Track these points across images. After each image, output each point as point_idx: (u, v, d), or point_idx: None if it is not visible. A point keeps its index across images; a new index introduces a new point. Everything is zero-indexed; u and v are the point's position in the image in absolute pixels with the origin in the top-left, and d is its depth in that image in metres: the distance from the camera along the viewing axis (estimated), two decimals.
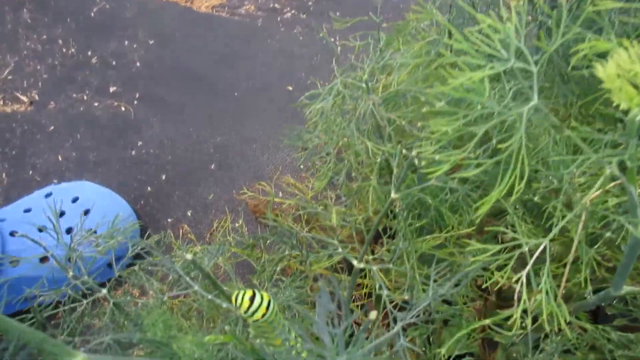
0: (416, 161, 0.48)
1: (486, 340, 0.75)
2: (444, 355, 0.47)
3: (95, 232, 0.70)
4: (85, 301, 0.59)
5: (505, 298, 0.76)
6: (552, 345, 0.49)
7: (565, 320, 0.37)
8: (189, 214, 1.05)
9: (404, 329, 0.41)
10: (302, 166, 1.09)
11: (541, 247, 0.37)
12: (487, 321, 0.49)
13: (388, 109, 0.59)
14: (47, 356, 0.27)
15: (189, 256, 0.34)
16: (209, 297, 0.40)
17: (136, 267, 0.57)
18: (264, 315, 0.38)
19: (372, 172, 0.55)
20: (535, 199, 0.60)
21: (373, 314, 0.31)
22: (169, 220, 1.05)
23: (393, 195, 0.45)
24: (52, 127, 1.13)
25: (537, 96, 0.35)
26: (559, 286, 0.56)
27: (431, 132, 0.36)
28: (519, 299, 0.51)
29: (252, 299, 0.38)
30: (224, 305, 0.39)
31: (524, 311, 0.55)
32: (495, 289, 0.76)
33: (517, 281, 0.59)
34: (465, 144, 0.55)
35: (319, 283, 0.59)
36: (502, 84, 0.50)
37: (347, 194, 0.61)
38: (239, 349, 0.38)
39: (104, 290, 0.57)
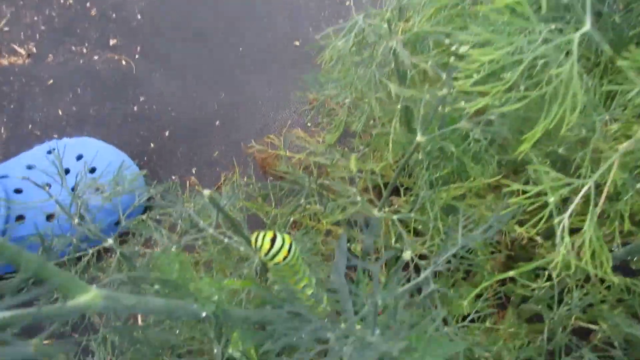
0: (440, 107, 0.45)
1: (495, 299, 0.74)
2: (466, 307, 0.46)
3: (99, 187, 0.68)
4: (90, 251, 0.57)
5: (515, 258, 0.74)
6: (577, 301, 0.47)
7: (607, 262, 0.35)
8: (193, 171, 1.03)
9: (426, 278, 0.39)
10: (309, 123, 1.06)
11: (585, 188, 0.35)
12: (511, 273, 0.47)
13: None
14: (58, 289, 0.25)
15: (206, 192, 0.31)
16: (226, 240, 0.38)
17: (144, 217, 0.55)
18: (285, 258, 0.36)
19: (393, 119, 0.52)
20: (560, 150, 0.58)
21: (407, 254, 0.29)
22: (173, 177, 1.02)
23: (419, 138, 0.42)
24: (51, 81, 1.10)
25: (589, 22, 0.32)
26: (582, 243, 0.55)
27: (471, 63, 0.33)
28: (540, 249, 0.49)
29: (273, 241, 0.35)
30: (242, 249, 0.37)
31: (547, 265, 0.53)
32: (507, 245, 0.74)
33: (539, 234, 0.58)
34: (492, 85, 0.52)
35: (339, 231, 0.57)
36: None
37: (365, 144, 0.59)
38: (260, 293, 0.36)
39: (110, 240, 0.55)
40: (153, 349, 0.49)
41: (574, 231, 0.59)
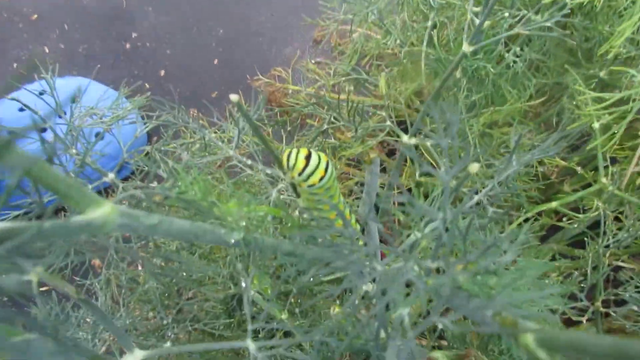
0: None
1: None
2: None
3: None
4: (90, 186, 0.52)
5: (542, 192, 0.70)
6: (624, 233, 0.44)
7: None
8: (191, 112, 0.97)
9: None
10: (312, 61, 1.00)
11: None
12: (554, 204, 0.43)
13: None
14: (69, 203, 0.20)
15: (234, 97, 0.26)
16: (250, 162, 0.33)
17: (148, 148, 0.50)
18: (321, 179, 0.31)
19: (423, 38, 0.47)
20: (602, 74, 0.53)
21: (475, 166, 0.25)
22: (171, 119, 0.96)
23: (465, 47, 0.37)
24: (35, 15, 1.02)
25: None
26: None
27: None
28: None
29: (307, 158, 0.31)
30: (268, 171, 0.32)
31: (589, 195, 0.50)
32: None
33: (578, 163, 0.54)
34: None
35: (371, 155, 0.52)
36: None
37: (390, 66, 0.54)
38: (290, 221, 0.31)
39: (111, 174, 0.50)
40: (164, 288, 0.45)
41: (613, 161, 0.55)
